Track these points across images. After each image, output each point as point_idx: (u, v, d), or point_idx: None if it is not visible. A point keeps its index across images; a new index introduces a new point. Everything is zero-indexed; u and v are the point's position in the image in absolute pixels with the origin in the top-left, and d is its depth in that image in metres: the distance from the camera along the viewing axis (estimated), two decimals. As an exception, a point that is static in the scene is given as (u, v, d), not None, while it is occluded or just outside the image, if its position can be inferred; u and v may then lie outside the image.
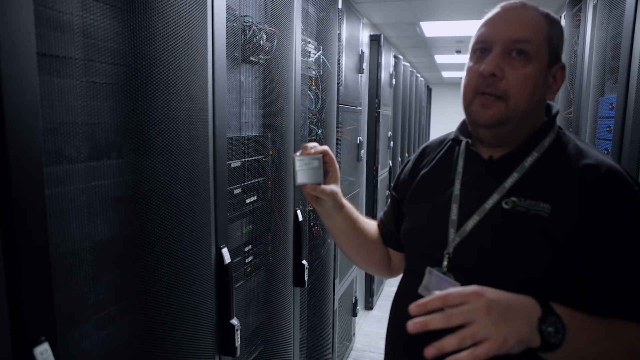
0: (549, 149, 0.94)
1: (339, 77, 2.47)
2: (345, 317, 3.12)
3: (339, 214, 1.11)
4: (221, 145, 1.18)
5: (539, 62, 0.91)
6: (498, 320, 0.73)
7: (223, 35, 1.16)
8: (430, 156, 1.12)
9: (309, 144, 1.05)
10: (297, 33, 1.73)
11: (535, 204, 0.88)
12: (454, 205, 0.97)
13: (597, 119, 1.89)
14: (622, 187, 0.85)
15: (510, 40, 0.90)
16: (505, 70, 0.89)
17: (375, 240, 1.21)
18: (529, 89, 0.90)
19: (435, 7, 3.52)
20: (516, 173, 0.93)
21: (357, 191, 3.25)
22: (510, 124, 0.92)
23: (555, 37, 0.93)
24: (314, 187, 1.03)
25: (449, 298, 0.74)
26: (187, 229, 1.05)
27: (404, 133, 5.48)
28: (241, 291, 1.51)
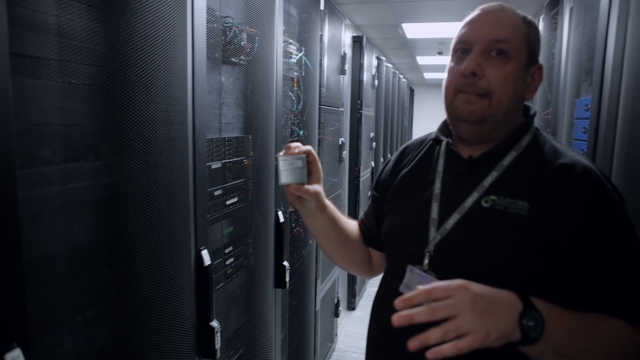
0: (527, 149, 0.96)
1: (321, 78, 2.47)
2: (327, 317, 3.12)
3: (321, 214, 1.12)
4: (201, 147, 1.17)
5: (518, 62, 0.93)
6: (482, 314, 0.74)
7: (203, 36, 1.15)
8: (410, 156, 1.14)
9: (293, 144, 1.05)
10: (279, 34, 1.73)
11: (513, 202, 0.90)
12: (435, 204, 0.99)
13: (574, 119, 1.93)
14: (596, 186, 0.88)
15: (490, 40, 0.92)
16: (485, 69, 0.92)
17: (356, 240, 1.21)
18: (510, 87, 0.92)
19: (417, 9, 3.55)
20: (495, 172, 0.95)
21: (339, 192, 3.26)
22: (492, 121, 0.94)
23: (533, 38, 0.96)
24: (298, 187, 1.03)
25: (433, 292, 0.75)
26: (166, 231, 1.04)
27: (387, 134, 5.51)
28: (222, 293, 1.50)
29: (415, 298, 0.76)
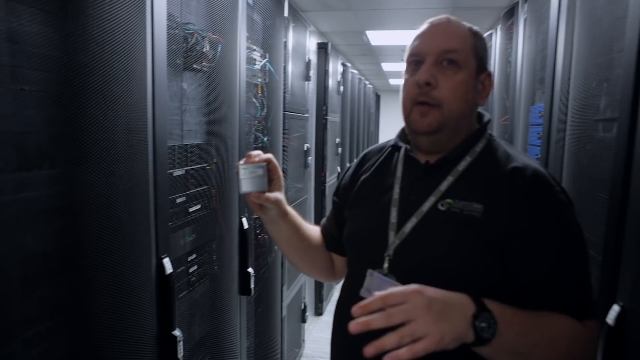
0: (481, 154, 1.00)
1: (285, 85, 2.48)
2: (294, 323, 3.12)
3: (283, 221, 1.13)
4: (162, 154, 1.16)
5: (468, 70, 0.98)
6: (437, 318, 0.76)
7: (164, 42, 1.15)
8: (370, 162, 1.16)
9: (253, 152, 1.06)
10: (242, 41, 1.73)
11: (468, 205, 0.94)
12: (394, 208, 1.01)
13: (529, 126, 2.00)
14: (546, 188, 0.93)
15: (441, 51, 0.96)
16: (438, 79, 0.96)
17: (319, 246, 1.23)
18: (461, 95, 0.97)
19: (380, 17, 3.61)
20: (451, 176, 0.99)
21: (305, 197, 3.27)
22: (447, 129, 0.98)
23: (480, 47, 1.01)
24: (259, 195, 1.04)
25: (389, 298, 0.77)
26: (125, 240, 1.02)
27: (353, 139, 5.56)
28: (185, 301, 1.48)
29: (371, 305, 0.77)
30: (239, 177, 1.03)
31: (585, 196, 1.20)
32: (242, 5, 1.71)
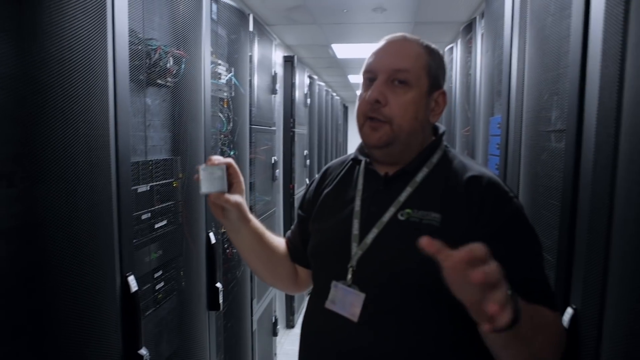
0: (437, 165, 1.04)
1: (252, 98, 2.49)
2: (265, 337, 3.10)
3: (245, 228, 1.14)
4: (125, 171, 1.15)
5: (419, 90, 1.01)
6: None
7: (125, 59, 1.15)
8: (332, 176, 1.19)
9: (214, 157, 1.07)
10: (206, 55, 1.74)
11: (427, 214, 0.97)
12: (355, 220, 1.04)
13: (489, 136, 2.07)
14: (500, 194, 0.97)
15: (392, 70, 1.00)
16: (388, 97, 0.99)
17: (283, 256, 1.24)
18: (410, 114, 1.00)
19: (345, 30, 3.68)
20: (409, 187, 1.02)
21: (274, 210, 3.27)
22: (397, 144, 1.01)
23: (435, 66, 1.04)
24: (218, 195, 1.05)
25: (478, 251, 0.70)
26: (87, 259, 1.01)
27: (321, 151, 5.60)
28: (152, 319, 1.46)
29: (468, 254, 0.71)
30: (199, 178, 1.04)
31: (541, 204, 1.25)
32: (206, 21, 1.72)
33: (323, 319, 1.02)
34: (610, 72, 0.83)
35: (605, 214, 0.86)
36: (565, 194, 1.05)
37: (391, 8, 2.99)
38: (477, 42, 2.38)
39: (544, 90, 1.24)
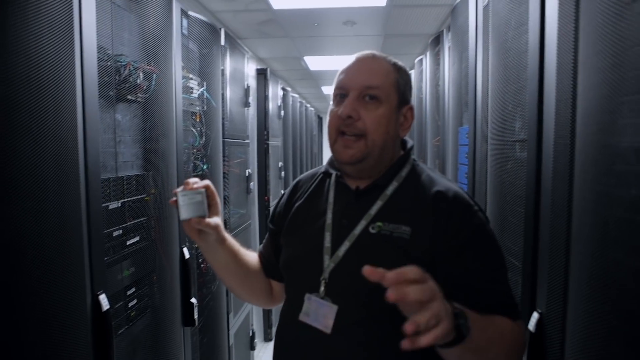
0: (407, 179, 1.07)
1: (224, 112, 2.49)
2: (242, 351, 3.07)
3: (221, 247, 1.13)
4: (95, 188, 1.14)
5: (389, 105, 1.04)
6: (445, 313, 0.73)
7: (94, 75, 1.14)
8: (303, 189, 1.20)
9: (190, 180, 1.07)
10: (177, 70, 1.74)
11: (397, 227, 0.99)
12: (327, 233, 1.05)
13: (459, 146, 2.12)
14: (466, 208, 1.01)
15: (363, 87, 1.02)
16: (360, 112, 1.02)
17: (257, 272, 1.24)
18: (383, 128, 1.03)
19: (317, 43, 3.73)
20: (380, 201, 1.04)
21: (249, 223, 3.26)
22: (370, 159, 1.03)
23: (402, 82, 1.07)
24: (199, 220, 1.04)
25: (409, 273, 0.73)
26: (56, 279, 0.99)
27: (296, 162, 5.61)
28: (125, 337, 1.44)
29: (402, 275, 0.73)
30: (178, 204, 1.03)
31: (507, 211, 1.29)
32: (177, 36, 1.73)
33: (296, 331, 1.03)
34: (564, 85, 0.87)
35: (564, 220, 0.90)
36: (529, 202, 1.09)
37: (361, 21, 3.04)
38: (445, 55, 2.44)
39: (507, 101, 1.29)
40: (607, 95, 0.70)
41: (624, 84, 0.66)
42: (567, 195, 0.88)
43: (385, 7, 2.88)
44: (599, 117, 0.72)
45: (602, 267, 0.72)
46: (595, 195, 0.73)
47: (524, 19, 1.11)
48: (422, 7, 2.87)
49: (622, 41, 0.67)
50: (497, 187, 1.37)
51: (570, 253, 0.87)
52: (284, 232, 1.16)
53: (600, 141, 0.72)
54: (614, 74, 0.68)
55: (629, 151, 0.66)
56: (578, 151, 0.81)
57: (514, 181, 1.24)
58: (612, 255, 0.70)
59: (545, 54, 0.97)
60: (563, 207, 0.90)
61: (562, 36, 0.88)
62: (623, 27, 0.66)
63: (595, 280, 0.74)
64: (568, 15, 0.87)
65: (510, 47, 1.24)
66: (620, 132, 0.68)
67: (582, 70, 0.79)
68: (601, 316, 0.72)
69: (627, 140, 0.66)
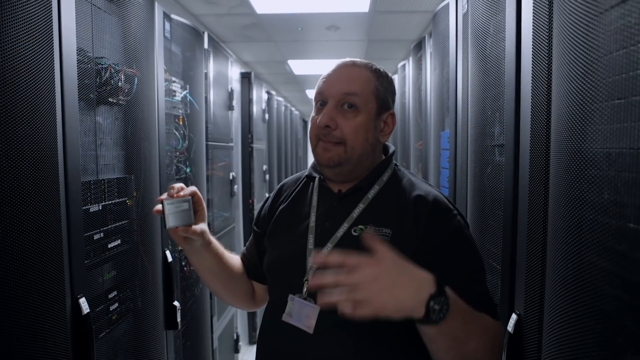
0: (388, 182, 1.09)
1: (207, 115, 2.49)
2: (226, 354, 3.05)
3: (206, 250, 1.14)
4: (75, 191, 1.13)
5: (367, 113, 1.05)
6: (382, 289, 0.78)
7: (74, 78, 1.14)
8: (287, 192, 1.21)
9: (176, 185, 1.07)
10: (160, 73, 1.73)
11: (379, 230, 1.01)
12: (310, 235, 1.07)
13: (441, 150, 2.14)
14: (445, 212, 1.03)
15: (341, 94, 1.04)
16: (338, 121, 1.03)
17: (240, 274, 1.25)
18: (361, 135, 1.04)
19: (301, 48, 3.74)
20: (362, 204, 1.06)
21: (233, 226, 3.25)
22: (348, 164, 1.05)
23: (382, 89, 1.08)
24: (186, 228, 1.05)
25: (347, 260, 0.79)
26: (35, 282, 0.98)
27: (281, 165, 5.61)
28: (106, 341, 1.42)
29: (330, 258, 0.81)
30: (164, 212, 1.03)
31: (487, 215, 1.31)
32: (159, 39, 1.72)
33: (280, 331, 1.04)
34: (539, 92, 0.90)
35: (540, 223, 0.92)
36: (507, 206, 1.11)
37: (344, 27, 3.06)
38: (427, 60, 2.47)
39: (487, 106, 1.31)
40: (579, 102, 0.72)
41: (595, 91, 0.69)
42: (543, 199, 0.90)
43: (368, 13, 2.91)
44: (572, 124, 0.74)
45: (576, 269, 0.74)
46: (569, 199, 0.75)
47: (501, 27, 1.14)
48: (404, 14, 2.90)
49: (592, 50, 0.69)
50: (478, 191, 1.39)
51: (547, 256, 0.89)
52: (268, 234, 1.17)
53: (572, 147, 0.74)
54: (585, 81, 0.70)
55: (600, 156, 0.68)
56: (552, 156, 0.83)
57: (493, 185, 1.27)
58: (586, 258, 0.72)
59: (522, 61, 0.99)
60: (539, 211, 0.92)
61: (536, 44, 0.91)
62: (593, 37, 0.68)
63: (569, 282, 0.76)
64: (542, 25, 0.89)
65: (488, 53, 1.26)
66: (592, 138, 0.70)
67: (556, 78, 0.81)
68: (576, 317, 0.74)
69: (598, 146, 0.68)
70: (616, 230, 0.65)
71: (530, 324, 0.99)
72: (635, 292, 0.62)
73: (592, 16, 0.69)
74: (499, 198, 1.22)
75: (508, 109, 1.07)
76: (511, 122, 1.05)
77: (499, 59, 1.17)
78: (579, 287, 0.73)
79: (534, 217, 0.95)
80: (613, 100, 0.65)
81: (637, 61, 0.60)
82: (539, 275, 0.95)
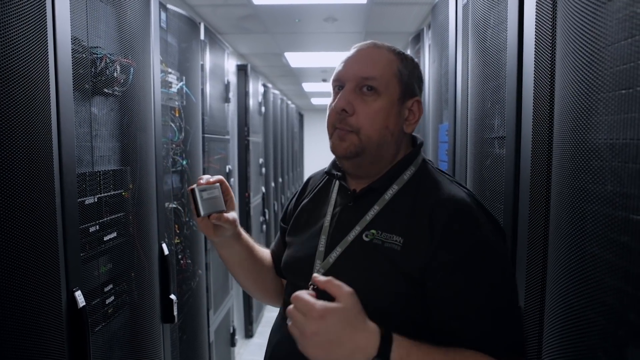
0: (409, 182, 0.98)
1: (204, 107, 2.47)
2: (223, 348, 3.05)
3: (237, 243, 1.10)
4: (70, 183, 1.12)
5: (389, 97, 0.95)
6: (319, 344, 0.79)
7: (69, 68, 1.12)
8: (311, 187, 1.15)
9: (204, 176, 1.05)
10: (156, 64, 1.71)
11: (390, 237, 0.92)
12: (323, 237, 1.00)
13: (439, 143, 2.14)
14: (467, 220, 0.90)
15: (359, 77, 0.95)
16: (356, 106, 0.95)
17: (270, 270, 1.20)
18: (379, 122, 0.95)
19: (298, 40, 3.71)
20: (377, 206, 0.96)
21: (230, 219, 3.23)
22: (366, 155, 0.96)
23: (406, 73, 0.99)
24: (219, 216, 1.02)
25: (299, 303, 0.81)
26: (30, 275, 0.97)
27: (277, 159, 5.59)
28: (102, 335, 1.41)
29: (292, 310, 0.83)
30: (196, 200, 1.00)
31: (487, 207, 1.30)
32: (155, 29, 1.70)
33: (285, 333, 1.01)
34: (542, 83, 0.89)
35: (542, 216, 0.92)
36: (507, 198, 1.10)
37: (342, 18, 3.04)
38: (425, 52, 2.46)
39: (487, 98, 1.30)
40: (583, 92, 0.71)
41: (600, 81, 0.68)
42: (545, 191, 0.90)
43: (366, 5, 2.88)
44: (575, 114, 0.73)
45: (579, 261, 0.73)
46: (572, 191, 0.74)
47: (503, 17, 1.12)
48: (402, 5, 2.88)
49: (598, 39, 0.68)
50: (477, 184, 1.38)
51: (548, 248, 0.88)
52: (288, 231, 1.12)
53: (576, 138, 0.73)
54: (590, 71, 0.69)
55: (604, 148, 0.67)
56: (555, 148, 0.82)
57: (493, 178, 1.26)
58: (589, 250, 0.71)
59: (524, 52, 0.98)
60: (541, 203, 0.92)
61: (539, 34, 0.89)
62: (599, 26, 0.67)
63: (572, 274, 0.75)
64: (545, 14, 0.88)
65: (489, 45, 1.25)
66: (596, 129, 0.69)
67: (559, 68, 0.80)
68: (578, 309, 0.74)
69: (603, 137, 0.67)
70: (620, 222, 0.64)
71: (531, 317, 0.98)
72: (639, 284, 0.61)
73: (598, 5, 0.67)
74: (499, 190, 1.21)
75: (509, 101, 1.06)
76: (512, 113, 1.03)
77: (499, 50, 1.16)
78: (582, 280, 0.73)
79: (536, 209, 0.94)
80: (618, 91, 0.64)
81: (643, 50, 0.59)
82: (540, 268, 0.94)
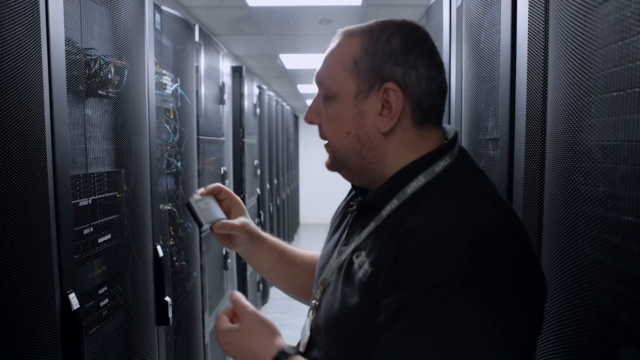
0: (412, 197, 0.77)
1: (199, 109, 2.47)
2: (219, 351, 3.04)
3: (261, 248, 1.05)
4: (64, 185, 1.11)
5: (343, 98, 0.79)
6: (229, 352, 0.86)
7: (62, 69, 1.11)
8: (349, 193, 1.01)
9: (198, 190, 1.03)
10: (150, 66, 1.71)
11: (365, 264, 0.77)
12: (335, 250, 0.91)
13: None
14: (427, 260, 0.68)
15: (317, 84, 0.84)
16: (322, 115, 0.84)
17: (312, 273, 1.04)
18: (338, 130, 0.81)
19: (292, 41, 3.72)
20: (373, 223, 0.80)
21: (225, 221, 3.23)
22: (347, 168, 0.84)
23: (371, 54, 0.77)
24: (222, 225, 0.99)
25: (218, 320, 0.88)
26: (23, 277, 0.96)
27: (272, 160, 5.59)
28: (96, 337, 1.41)
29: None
30: (194, 212, 0.98)
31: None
32: (149, 31, 1.70)
33: None
34: (535, 85, 0.89)
35: (536, 217, 0.92)
36: (501, 199, 1.10)
37: (337, 20, 3.05)
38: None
39: (480, 100, 1.31)
40: (575, 95, 0.71)
41: (591, 84, 0.68)
42: (538, 192, 0.90)
43: (361, 7, 2.89)
44: (568, 117, 0.74)
45: (571, 262, 0.74)
46: (565, 192, 0.75)
47: (496, 20, 1.13)
48: (397, 7, 2.89)
49: (589, 42, 0.68)
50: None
51: (542, 249, 0.89)
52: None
53: (568, 140, 0.74)
54: (582, 74, 0.70)
55: (595, 149, 0.68)
56: (548, 149, 0.83)
57: (487, 179, 1.26)
58: (582, 251, 0.72)
59: (517, 54, 0.99)
60: (534, 204, 0.92)
61: (532, 37, 0.90)
62: (590, 29, 0.68)
63: (565, 274, 0.76)
64: (538, 17, 0.89)
65: (483, 47, 1.26)
66: (588, 131, 0.70)
67: (552, 71, 0.81)
68: (571, 310, 0.75)
69: (595, 138, 0.68)
70: (612, 223, 0.65)
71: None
72: (631, 285, 0.62)
73: (589, 8, 0.68)
74: (492, 192, 1.21)
75: (503, 102, 1.07)
76: (506, 115, 1.04)
77: (493, 52, 1.17)
78: (574, 280, 0.73)
79: (529, 210, 0.95)
80: (610, 93, 0.65)
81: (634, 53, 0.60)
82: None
